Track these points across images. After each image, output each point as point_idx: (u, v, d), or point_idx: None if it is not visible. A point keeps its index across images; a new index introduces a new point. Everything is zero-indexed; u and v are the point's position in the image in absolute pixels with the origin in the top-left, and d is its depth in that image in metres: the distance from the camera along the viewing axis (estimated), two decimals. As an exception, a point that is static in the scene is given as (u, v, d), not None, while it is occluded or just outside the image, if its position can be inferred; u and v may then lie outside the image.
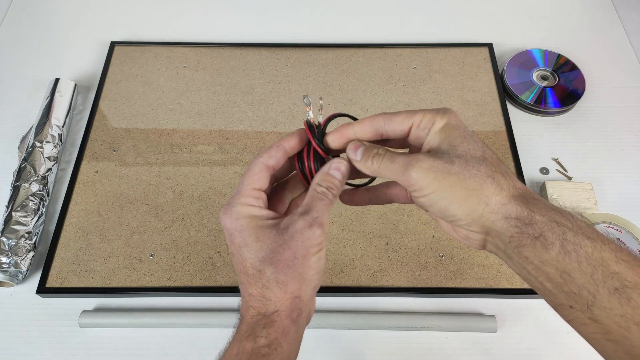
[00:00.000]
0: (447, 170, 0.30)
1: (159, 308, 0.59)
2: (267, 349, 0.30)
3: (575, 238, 0.29)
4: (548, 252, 0.29)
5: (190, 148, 0.71)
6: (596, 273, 0.28)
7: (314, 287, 0.33)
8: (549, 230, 0.29)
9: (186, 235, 0.63)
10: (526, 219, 0.30)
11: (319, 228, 0.32)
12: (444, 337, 0.57)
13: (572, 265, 0.28)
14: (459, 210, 0.31)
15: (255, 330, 0.31)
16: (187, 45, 0.82)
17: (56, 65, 0.81)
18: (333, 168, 0.34)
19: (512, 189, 0.31)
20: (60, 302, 0.60)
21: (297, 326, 0.32)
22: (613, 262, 0.28)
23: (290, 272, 0.31)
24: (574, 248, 0.28)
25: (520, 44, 0.82)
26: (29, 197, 0.62)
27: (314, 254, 0.32)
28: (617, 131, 0.73)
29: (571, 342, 0.57)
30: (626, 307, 0.27)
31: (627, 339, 0.27)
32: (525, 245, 0.30)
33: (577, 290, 0.28)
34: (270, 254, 0.31)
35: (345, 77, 0.78)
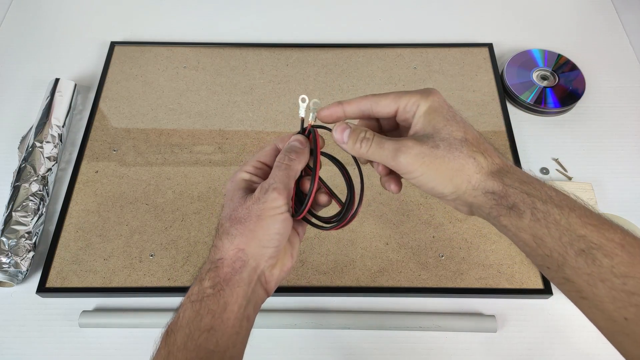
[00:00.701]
0: (434, 154, 0.34)
1: (159, 308, 0.59)
2: (211, 290, 0.34)
3: (543, 207, 0.32)
4: (522, 220, 0.32)
5: (190, 148, 0.71)
6: (564, 237, 0.31)
7: (262, 245, 0.35)
8: (520, 202, 0.32)
9: (186, 235, 0.63)
10: (501, 193, 0.33)
11: (273, 192, 0.35)
12: (444, 337, 0.57)
13: (542, 230, 0.32)
14: (446, 190, 0.34)
15: (202, 274, 0.35)
16: (187, 45, 0.82)
17: (56, 65, 0.81)
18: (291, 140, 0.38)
19: (490, 166, 0.34)
20: (60, 302, 0.60)
21: (240, 276, 0.34)
22: (579, 226, 0.31)
23: (240, 227, 0.35)
24: (543, 216, 0.32)
25: (520, 44, 0.82)
26: (29, 197, 0.62)
27: (269, 216, 0.35)
28: (617, 131, 0.73)
29: (571, 342, 0.57)
30: (592, 267, 0.30)
31: (596, 295, 0.30)
32: (502, 215, 0.33)
33: (549, 253, 0.32)
34: (232, 211, 0.36)
35: (345, 77, 0.78)
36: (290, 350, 0.57)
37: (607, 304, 0.29)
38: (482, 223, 0.63)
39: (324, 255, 0.61)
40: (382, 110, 0.37)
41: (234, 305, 0.34)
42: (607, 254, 0.30)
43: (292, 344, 0.57)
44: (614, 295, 0.29)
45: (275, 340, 0.57)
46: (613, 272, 0.29)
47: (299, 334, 0.58)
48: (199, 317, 0.33)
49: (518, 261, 0.61)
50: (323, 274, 0.60)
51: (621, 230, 0.31)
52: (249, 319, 0.36)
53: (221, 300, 0.34)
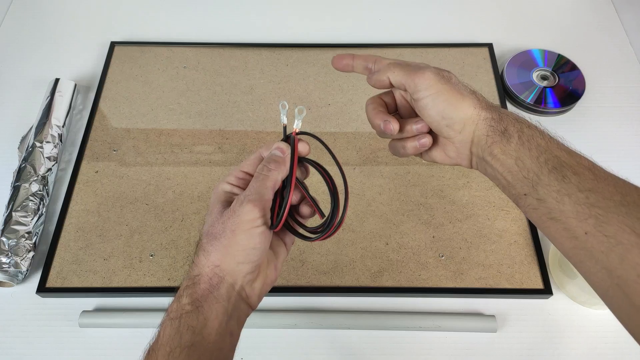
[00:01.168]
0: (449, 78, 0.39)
1: (159, 308, 0.59)
2: (190, 307, 0.34)
3: (529, 131, 0.36)
4: (510, 144, 0.36)
5: (190, 148, 0.71)
6: (541, 156, 0.35)
7: (237, 261, 0.34)
8: (510, 125, 0.37)
9: (186, 235, 0.63)
10: (497, 118, 0.37)
11: (249, 204, 0.34)
12: (444, 337, 0.57)
13: (524, 152, 0.35)
14: (455, 113, 0.38)
15: (181, 291, 0.35)
16: (187, 45, 0.82)
17: (56, 65, 0.81)
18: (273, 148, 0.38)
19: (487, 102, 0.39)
20: (60, 302, 0.60)
21: (218, 292, 0.34)
22: (555, 149, 0.35)
23: (216, 243, 0.34)
24: (527, 138, 0.36)
25: (520, 44, 0.82)
26: (29, 197, 0.62)
27: (244, 230, 0.34)
28: (617, 131, 0.73)
29: (571, 342, 0.57)
30: (561, 183, 0.33)
31: (563, 212, 0.32)
32: (495, 142, 0.37)
33: (527, 174, 0.35)
34: (210, 226, 0.35)
35: (345, 77, 0.78)
36: (290, 350, 0.57)
37: (571, 219, 0.32)
38: (482, 223, 0.63)
39: (324, 255, 0.61)
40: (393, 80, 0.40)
41: (214, 322, 0.34)
42: (575, 172, 0.33)
43: (292, 344, 0.57)
44: (577, 209, 0.32)
45: (275, 340, 0.57)
46: (579, 188, 0.32)
47: (299, 334, 0.58)
48: (178, 335, 0.33)
49: (518, 261, 0.61)
50: (323, 274, 0.60)
51: (591, 160, 0.35)
52: (232, 334, 0.35)
53: (200, 316, 0.33)
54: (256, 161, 0.39)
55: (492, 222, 0.63)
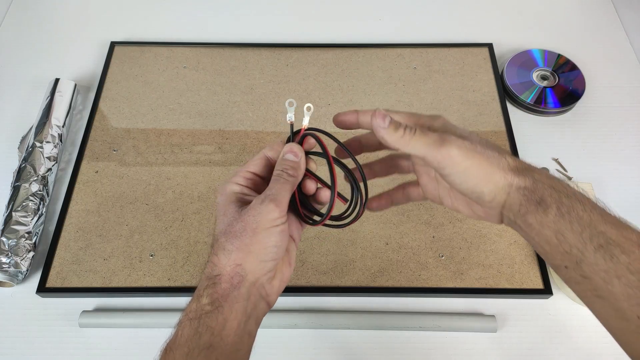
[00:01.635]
0: (475, 149, 0.34)
1: (159, 308, 0.59)
2: (210, 307, 0.33)
3: (568, 201, 0.33)
4: (547, 216, 0.33)
5: (190, 148, 0.71)
6: (585, 232, 0.31)
7: (260, 259, 0.34)
8: (548, 195, 0.33)
9: (186, 235, 0.63)
10: (531, 187, 0.34)
11: (270, 203, 0.34)
12: (444, 337, 0.57)
13: (565, 225, 0.32)
14: (486, 187, 0.34)
15: (200, 291, 0.34)
16: (187, 45, 0.82)
17: (56, 65, 0.81)
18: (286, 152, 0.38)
19: (518, 164, 0.35)
20: (60, 302, 0.60)
21: (238, 292, 0.34)
22: (600, 223, 0.32)
23: (237, 242, 0.34)
24: (567, 210, 0.32)
25: (520, 44, 0.82)
26: (29, 197, 0.62)
27: (265, 228, 0.34)
28: (617, 131, 0.73)
29: (571, 342, 0.57)
30: (609, 263, 0.30)
31: (612, 293, 0.30)
32: (530, 212, 0.33)
33: (569, 249, 0.32)
34: (227, 226, 0.35)
35: (345, 77, 0.78)
36: (290, 350, 0.57)
37: (622, 301, 0.30)
38: (482, 223, 0.63)
39: (324, 255, 0.61)
40: None
41: (234, 322, 0.33)
42: (624, 250, 0.30)
43: (292, 344, 0.57)
44: (629, 292, 0.29)
45: (275, 340, 0.57)
46: (629, 269, 0.30)
47: (299, 334, 0.58)
48: (197, 335, 0.33)
49: (518, 261, 0.61)
50: (323, 274, 0.60)
51: (638, 231, 0.32)
52: (250, 334, 0.35)
53: (220, 317, 0.33)
54: (262, 161, 0.39)
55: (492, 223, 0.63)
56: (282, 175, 0.36)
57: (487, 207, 0.36)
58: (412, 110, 0.75)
